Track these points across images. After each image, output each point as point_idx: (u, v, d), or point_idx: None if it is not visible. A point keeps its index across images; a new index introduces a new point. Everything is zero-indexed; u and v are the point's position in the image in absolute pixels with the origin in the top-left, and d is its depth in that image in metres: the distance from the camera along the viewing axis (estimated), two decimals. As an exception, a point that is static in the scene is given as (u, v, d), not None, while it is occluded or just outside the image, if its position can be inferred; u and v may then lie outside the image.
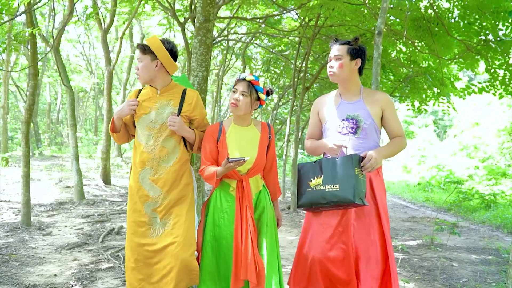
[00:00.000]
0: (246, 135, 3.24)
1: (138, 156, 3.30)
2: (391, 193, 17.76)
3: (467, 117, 26.82)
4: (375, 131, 3.17)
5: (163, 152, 3.25)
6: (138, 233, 3.26)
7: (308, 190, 3.05)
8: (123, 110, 3.27)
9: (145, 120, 3.27)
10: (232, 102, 3.18)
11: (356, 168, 2.89)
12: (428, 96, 10.04)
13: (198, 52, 5.51)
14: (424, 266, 5.89)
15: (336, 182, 2.91)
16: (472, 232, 8.99)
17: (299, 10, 8.47)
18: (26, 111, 7.18)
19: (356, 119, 3.13)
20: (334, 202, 2.91)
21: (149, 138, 3.26)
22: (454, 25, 7.19)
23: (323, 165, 3.02)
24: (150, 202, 3.26)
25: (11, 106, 26.02)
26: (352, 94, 3.24)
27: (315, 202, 3.00)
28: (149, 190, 3.26)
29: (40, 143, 22.21)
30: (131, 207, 3.30)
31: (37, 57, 7.44)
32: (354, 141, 3.13)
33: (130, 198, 3.33)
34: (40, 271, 4.89)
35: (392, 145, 3.15)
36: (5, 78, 15.75)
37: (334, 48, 3.20)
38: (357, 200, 2.83)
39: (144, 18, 13.17)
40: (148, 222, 3.26)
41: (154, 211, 3.25)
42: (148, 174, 3.26)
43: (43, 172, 13.80)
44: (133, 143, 3.38)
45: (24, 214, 7.04)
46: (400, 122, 3.26)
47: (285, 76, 15.10)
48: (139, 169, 3.28)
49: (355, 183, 2.86)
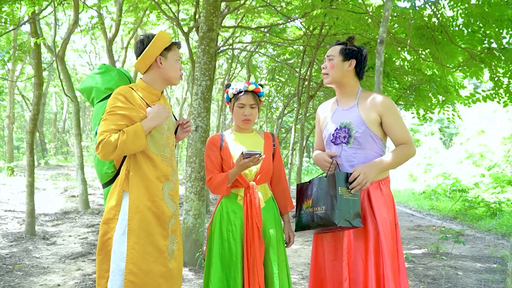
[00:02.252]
0: (249, 140, 3.14)
1: (154, 171, 2.79)
2: (397, 201, 17.68)
3: (473, 125, 26.74)
4: (372, 140, 2.86)
5: (175, 163, 2.96)
6: (160, 261, 2.76)
7: (302, 212, 2.89)
8: (158, 120, 2.75)
9: (163, 128, 2.85)
10: (244, 119, 3.06)
11: (339, 187, 2.66)
12: (433, 104, 10.01)
13: (201, 61, 5.53)
14: (429, 275, 5.85)
15: (323, 203, 2.73)
16: (478, 241, 8.93)
17: (303, 19, 8.49)
18: (30, 121, 7.21)
19: (348, 128, 2.88)
20: (321, 226, 2.71)
21: (165, 149, 2.86)
22: (458, 33, 7.17)
23: (313, 185, 2.85)
24: (172, 220, 2.86)
25: (17, 116, 26.18)
26: (348, 100, 2.98)
27: (306, 225, 2.82)
28: (170, 207, 2.86)
29: (46, 153, 22.31)
30: (150, 231, 2.74)
31: (41, 67, 7.48)
32: (347, 151, 2.89)
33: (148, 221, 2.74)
34: (44, 281, 4.89)
35: (391, 156, 2.82)
36: (10, 88, 15.87)
37: (329, 49, 3.04)
38: (342, 223, 2.60)
39: (150, 27, 13.23)
40: (168, 245, 2.83)
41: (171, 231, 2.86)
42: (168, 189, 2.87)
43: (49, 182, 13.85)
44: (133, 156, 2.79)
45: (28, 223, 7.05)
46: (406, 128, 2.90)
47: (290, 84, 15.13)
48: (161, 185, 2.81)
49: (338, 204, 2.63)
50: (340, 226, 2.63)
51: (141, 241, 2.70)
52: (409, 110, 10.94)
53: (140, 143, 2.67)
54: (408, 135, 2.88)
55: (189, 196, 5.53)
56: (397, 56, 9.05)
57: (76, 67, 27.87)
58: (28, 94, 25.30)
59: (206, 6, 5.60)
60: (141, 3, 10.14)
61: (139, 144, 2.67)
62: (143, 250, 2.70)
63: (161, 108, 2.75)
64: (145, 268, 2.70)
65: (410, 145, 2.86)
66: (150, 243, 2.72)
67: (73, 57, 26.71)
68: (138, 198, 2.73)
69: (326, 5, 7.01)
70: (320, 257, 3.00)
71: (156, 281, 2.72)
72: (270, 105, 17.92)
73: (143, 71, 2.88)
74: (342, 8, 6.96)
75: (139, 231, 2.71)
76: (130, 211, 2.71)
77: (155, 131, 2.79)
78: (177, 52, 2.88)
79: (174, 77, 2.88)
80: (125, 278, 2.64)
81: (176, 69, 2.87)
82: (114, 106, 2.70)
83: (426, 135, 34.08)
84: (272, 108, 18.66)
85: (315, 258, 3.03)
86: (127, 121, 2.69)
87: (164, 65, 2.83)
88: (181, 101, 21.78)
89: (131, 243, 2.68)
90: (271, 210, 3.08)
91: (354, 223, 2.64)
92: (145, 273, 2.69)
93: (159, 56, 2.81)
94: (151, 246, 2.72)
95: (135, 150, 2.69)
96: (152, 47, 2.79)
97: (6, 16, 6.63)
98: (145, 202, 2.74)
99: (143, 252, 2.70)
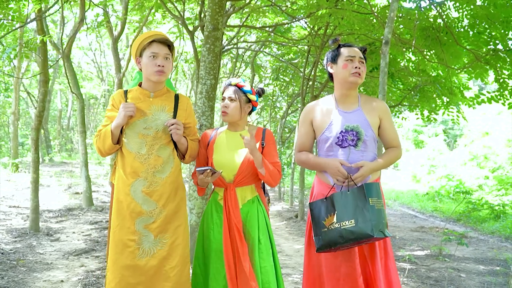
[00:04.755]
0: (235, 140, 3.06)
1: (128, 166, 2.91)
2: (400, 202, 17.66)
3: (477, 126, 26.67)
4: (374, 142, 2.98)
5: (158, 162, 2.93)
6: (125, 254, 2.86)
7: (324, 230, 2.78)
8: (119, 118, 2.84)
9: (138, 126, 2.92)
10: (222, 111, 3.06)
11: (370, 198, 2.68)
12: (437, 105, 10.00)
13: (206, 60, 5.54)
14: (432, 276, 5.84)
15: (351, 217, 2.68)
16: (481, 243, 8.91)
17: (308, 19, 8.49)
18: (36, 118, 7.25)
19: (356, 131, 2.91)
20: (352, 240, 2.67)
21: (141, 146, 2.91)
22: (463, 34, 7.17)
23: (334, 200, 2.78)
24: (143, 218, 2.89)
25: (22, 113, 26.25)
26: (349, 102, 3.01)
27: (333, 242, 2.73)
28: (142, 204, 2.88)
29: (50, 150, 22.39)
30: (118, 224, 2.90)
31: (47, 64, 7.51)
32: (355, 154, 2.92)
33: (117, 214, 2.92)
34: (47, 277, 4.91)
35: (386, 158, 2.96)
36: (16, 84, 15.93)
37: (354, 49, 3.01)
38: (377, 233, 2.61)
39: (155, 26, 13.24)
40: (137, 241, 2.87)
41: (146, 228, 2.89)
42: (141, 186, 2.89)
43: (53, 178, 13.91)
44: (119, 151, 3.00)
45: (32, 220, 7.08)
46: (397, 132, 3.05)
47: (294, 84, 15.10)
48: (131, 181, 2.89)
49: (370, 215, 2.65)
50: (375, 237, 2.63)
51: (112, 230, 2.94)
52: (413, 111, 10.93)
53: (108, 143, 2.88)
54: (399, 139, 3.07)
55: (192, 195, 5.54)
56: (402, 57, 9.04)
57: (82, 64, 27.93)
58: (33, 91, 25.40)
59: (211, 5, 5.61)
60: (146, 2, 10.15)
61: (107, 143, 2.89)
62: (112, 240, 2.92)
63: (122, 106, 2.84)
64: (113, 257, 2.90)
65: (400, 149, 3.04)
66: (117, 234, 2.90)
67: (79, 55, 26.78)
68: (115, 191, 2.98)
69: (331, 5, 7.01)
70: (313, 255, 3.01)
71: (121, 272, 2.85)
72: (274, 105, 17.90)
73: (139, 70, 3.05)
74: (347, 9, 6.96)
75: (112, 222, 2.97)
76: (113, 202, 2.99)
77: (128, 129, 2.92)
78: (153, 48, 2.91)
79: (149, 73, 2.93)
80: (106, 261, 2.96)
81: (150, 65, 2.91)
82: (107, 110, 3.00)
83: (430, 136, 34.02)
84: (276, 107, 18.63)
85: (308, 256, 3.05)
86: (110, 122, 2.93)
87: (142, 64, 2.94)
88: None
89: (110, 231, 2.99)
90: (253, 214, 2.99)
91: (386, 233, 2.68)
92: (112, 262, 2.89)
93: (138, 57, 2.94)
94: (118, 237, 2.90)
95: (108, 148, 2.91)
96: (132, 50, 2.98)
97: (13, 13, 6.65)
98: (118, 195, 2.95)
99: (112, 241, 2.92)
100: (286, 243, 8.10)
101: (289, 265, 6.14)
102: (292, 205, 13.80)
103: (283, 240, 8.33)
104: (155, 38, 2.90)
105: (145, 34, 2.93)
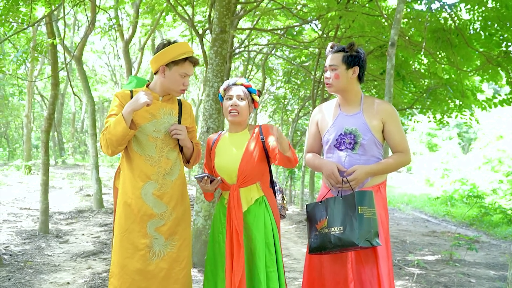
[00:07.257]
0: (236, 141, 3.03)
1: (137, 169, 2.89)
2: (413, 206, 17.52)
3: (492, 130, 26.38)
4: (375, 146, 2.92)
5: (168, 164, 2.94)
6: (136, 257, 2.84)
7: (315, 233, 2.80)
8: (134, 104, 2.74)
9: (148, 129, 2.90)
10: (231, 109, 2.97)
11: (359, 206, 2.64)
12: (449, 108, 9.90)
13: (214, 63, 5.54)
14: (441, 282, 5.76)
15: (340, 224, 2.68)
16: (493, 248, 8.79)
17: (318, 21, 8.46)
18: (46, 120, 7.29)
19: (354, 134, 2.89)
20: (339, 246, 2.66)
21: (151, 149, 2.91)
22: (475, 36, 7.09)
23: (328, 205, 2.78)
24: (155, 220, 2.88)
25: (37, 115, 26.51)
26: (352, 105, 2.99)
27: (322, 246, 2.74)
28: (153, 207, 2.88)
29: (63, 152, 22.55)
30: (127, 228, 2.87)
31: (57, 67, 7.57)
32: (352, 157, 2.90)
33: (126, 217, 2.88)
34: (54, 279, 4.93)
35: (389, 162, 2.91)
36: (29, 88, 16.10)
37: (329, 57, 2.97)
38: (362, 243, 2.58)
39: (166, 29, 13.30)
40: (148, 244, 2.86)
41: (157, 231, 2.88)
42: (152, 189, 2.89)
43: (65, 181, 14.00)
44: (124, 154, 2.98)
45: (42, 221, 7.12)
46: (405, 136, 2.97)
47: (305, 87, 15.06)
48: (141, 184, 2.88)
49: (358, 224, 2.61)
50: (360, 246, 2.60)
51: (120, 235, 2.88)
52: (426, 114, 10.84)
53: (120, 128, 2.74)
54: (406, 143, 2.96)
55: (199, 197, 5.53)
56: (413, 59, 8.96)
57: (96, 68, 28.11)
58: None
59: (219, 8, 5.62)
60: (157, 5, 10.20)
61: (119, 129, 2.74)
62: (120, 244, 2.87)
63: (141, 93, 2.76)
64: (121, 262, 2.85)
65: (406, 154, 2.94)
66: (127, 238, 2.86)
67: (93, 58, 26.94)
68: (121, 194, 2.93)
69: (342, 8, 6.97)
70: (314, 258, 2.99)
71: (131, 276, 2.83)
72: (285, 108, 17.85)
73: (154, 72, 2.97)
74: (357, 11, 6.92)
75: (119, 226, 2.90)
76: (118, 206, 2.94)
77: (138, 131, 2.88)
78: (186, 68, 2.90)
79: (173, 90, 2.95)
80: (110, 268, 2.89)
81: (178, 83, 2.92)
82: (111, 108, 2.92)
83: (444, 140, 33.76)
84: (287, 110, 18.58)
85: (309, 259, 3.02)
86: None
87: (166, 75, 2.91)
88: (197, 102, 21.84)
89: (115, 236, 2.93)
90: (260, 215, 2.93)
91: (374, 243, 2.63)
92: (121, 267, 2.84)
93: (164, 66, 2.89)
94: (127, 241, 2.85)
95: (121, 135, 2.75)
96: (160, 55, 2.88)
97: (23, 16, 6.71)
98: (125, 199, 2.90)
99: (121, 246, 2.87)
100: (295, 246, 8.05)
101: (297, 269, 6.10)
102: (302, 208, 13.73)
103: (292, 244, 8.28)
104: (189, 58, 2.90)
105: (181, 48, 2.86)
